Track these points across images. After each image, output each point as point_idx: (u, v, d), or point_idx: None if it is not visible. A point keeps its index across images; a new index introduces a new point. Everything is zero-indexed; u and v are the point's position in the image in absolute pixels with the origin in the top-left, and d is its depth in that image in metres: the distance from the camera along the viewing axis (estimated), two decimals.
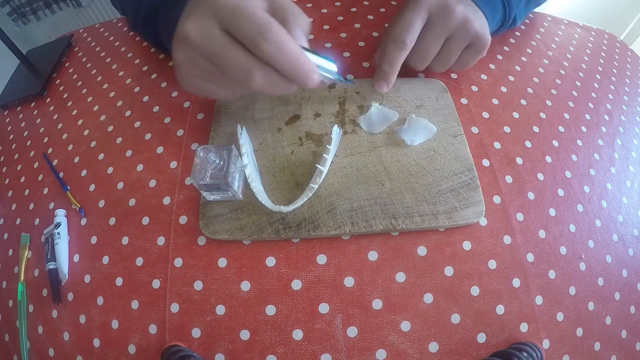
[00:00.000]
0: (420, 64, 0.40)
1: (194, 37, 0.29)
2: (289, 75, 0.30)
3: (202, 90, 0.33)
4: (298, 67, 0.29)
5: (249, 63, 0.29)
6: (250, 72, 0.29)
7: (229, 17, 0.28)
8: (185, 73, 0.32)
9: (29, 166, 0.46)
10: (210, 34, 0.29)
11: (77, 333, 0.35)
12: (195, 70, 0.32)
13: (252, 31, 0.28)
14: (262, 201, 0.33)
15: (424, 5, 0.37)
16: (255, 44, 0.28)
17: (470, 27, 0.37)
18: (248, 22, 0.28)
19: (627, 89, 0.51)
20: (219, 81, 0.32)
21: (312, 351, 0.32)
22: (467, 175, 0.36)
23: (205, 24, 0.29)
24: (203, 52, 0.29)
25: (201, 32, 0.29)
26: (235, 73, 0.29)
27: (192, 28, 0.29)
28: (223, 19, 0.29)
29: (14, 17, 1.39)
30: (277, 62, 0.29)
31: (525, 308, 0.33)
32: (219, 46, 0.29)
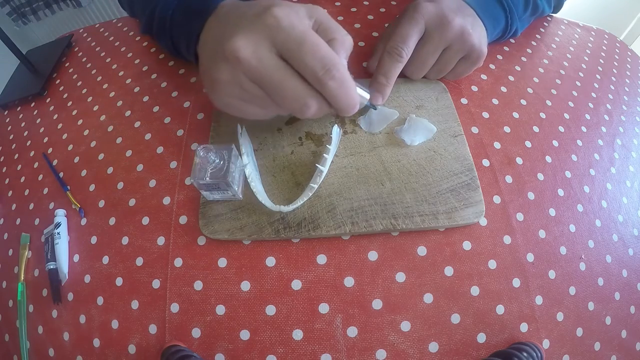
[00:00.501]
0: (416, 75, 0.41)
1: (245, 58, 0.27)
2: (341, 108, 0.30)
3: (239, 111, 0.32)
4: (351, 102, 0.30)
5: (306, 94, 0.28)
6: (306, 105, 0.28)
7: (290, 45, 0.27)
8: (226, 93, 0.30)
9: (29, 166, 0.46)
10: (265, 57, 0.27)
11: (77, 333, 0.35)
12: (238, 92, 0.30)
13: (317, 66, 0.27)
14: (262, 201, 0.33)
15: (421, 16, 0.37)
16: (319, 79, 0.27)
17: (468, 39, 0.37)
18: (313, 55, 0.27)
19: (627, 89, 0.51)
20: (265, 105, 0.30)
21: (312, 351, 0.32)
22: (467, 175, 0.36)
23: (259, 45, 0.27)
24: (254, 76, 0.28)
25: (254, 54, 0.27)
26: (290, 103, 0.28)
27: (244, 47, 0.27)
28: (283, 44, 0.27)
29: (14, 17, 1.39)
30: (337, 99, 0.29)
31: (525, 308, 0.33)
32: (274, 73, 0.27)
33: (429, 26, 0.37)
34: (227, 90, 0.30)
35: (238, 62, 0.27)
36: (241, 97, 0.30)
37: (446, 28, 0.36)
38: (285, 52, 0.27)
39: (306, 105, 0.28)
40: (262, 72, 0.27)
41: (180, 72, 0.47)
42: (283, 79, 0.27)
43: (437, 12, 0.37)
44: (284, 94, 0.28)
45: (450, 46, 0.38)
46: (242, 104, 0.31)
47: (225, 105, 0.32)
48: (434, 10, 0.37)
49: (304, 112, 0.29)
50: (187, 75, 0.47)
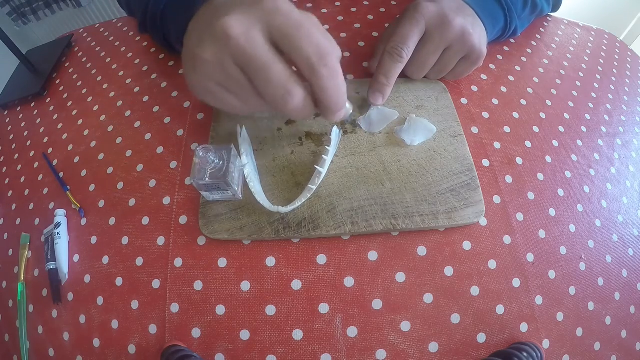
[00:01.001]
0: (417, 75, 0.41)
1: (235, 36, 0.25)
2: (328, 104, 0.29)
3: (216, 99, 0.30)
4: (340, 101, 0.29)
5: (292, 81, 0.27)
6: (289, 93, 0.27)
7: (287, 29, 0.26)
8: (206, 75, 0.28)
9: (29, 166, 0.46)
10: (255, 38, 0.26)
11: (77, 333, 0.35)
12: (219, 74, 0.28)
13: (313, 52, 0.26)
14: (261, 201, 0.33)
15: (422, 17, 0.37)
16: (312, 65, 0.26)
17: (468, 39, 0.37)
18: (310, 41, 0.26)
19: (627, 89, 0.51)
20: (243, 94, 0.29)
21: (312, 351, 0.32)
22: (467, 175, 0.36)
23: (251, 26, 0.26)
24: (240, 57, 0.26)
25: (245, 33, 0.26)
26: (272, 90, 0.27)
27: (236, 26, 0.26)
28: (279, 28, 0.26)
29: (14, 17, 1.39)
30: (327, 91, 0.28)
31: (525, 308, 0.33)
32: (262, 55, 0.26)
33: (430, 26, 0.37)
34: (208, 72, 0.28)
35: (227, 39, 0.26)
36: (221, 83, 0.29)
37: (447, 28, 0.36)
38: (279, 36, 0.26)
39: (289, 94, 0.27)
40: (250, 53, 0.26)
41: (180, 72, 0.47)
42: (270, 62, 0.26)
43: (437, 12, 0.37)
44: (269, 77, 0.26)
45: (451, 46, 0.38)
46: (221, 92, 0.29)
47: (203, 90, 0.30)
48: (435, 10, 0.37)
49: (286, 102, 0.27)
50: None
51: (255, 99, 0.29)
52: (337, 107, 0.29)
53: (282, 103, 0.28)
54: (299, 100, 0.28)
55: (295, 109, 0.28)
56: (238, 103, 0.30)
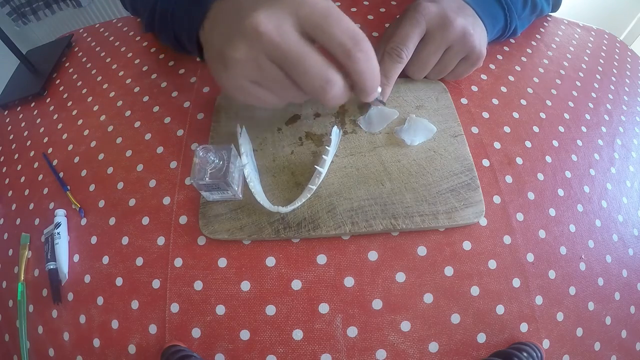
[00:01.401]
0: (418, 75, 0.41)
1: (267, 32, 0.25)
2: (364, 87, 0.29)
3: (251, 96, 0.30)
4: (375, 82, 0.29)
5: (330, 70, 0.27)
6: (329, 82, 0.27)
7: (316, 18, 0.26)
8: (241, 74, 0.28)
9: (29, 166, 0.46)
10: (288, 32, 0.26)
11: (77, 333, 0.35)
12: (254, 73, 0.28)
13: (346, 38, 0.26)
14: (261, 201, 0.33)
15: (422, 17, 0.37)
16: (348, 50, 0.26)
17: (469, 40, 0.37)
18: (341, 27, 0.26)
19: (627, 89, 0.51)
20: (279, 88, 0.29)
21: (312, 351, 0.32)
22: (467, 175, 0.36)
23: (282, 20, 0.26)
24: (275, 52, 0.26)
25: (277, 28, 0.25)
26: (311, 81, 0.27)
27: (266, 22, 0.25)
28: (308, 17, 0.26)
29: (14, 17, 1.39)
30: (364, 75, 0.28)
31: (525, 308, 0.33)
32: (297, 48, 0.26)
33: (431, 26, 0.37)
34: (242, 71, 0.28)
35: (259, 37, 0.25)
36: (256, 79, 0.28)
37: (448, 28, 0.36)
38: (310, 26, 0.26)
39: (329, 82, 0.27)
40: (284, 48, 0.26)
41: (180, 72, 0.47)
42: (306, 54, 0.26)
43: (438, 12, 0.37)
44: (307, 69, 0.26)
45: (452, 47, 0.38)
46: (255, 88, 0.29)
47: (237, 89, 0.29)
48: (435, 11, 0.37)
49: (326, 91, 0.27)
50: (187, 75, 0.47)
51: (291, 91, 0.29)
52: (373, 88, 0.30)
53: (322, 92, 0.28)
54: (339, 88, 0.28)
55: (335, 96, 0.28)
56: (273, 97, 0.30)
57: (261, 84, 0.29)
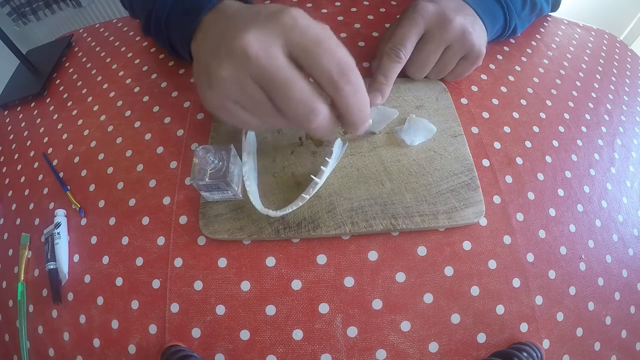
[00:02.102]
0: (418, 75, 0.41)
1: (254, 55, 0.25)
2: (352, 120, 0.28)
3: (233, 116, 0.29)
4: (363, 115, 0.28)
5: (314, 100, 0.26)
6: (314, 111, 0.26)
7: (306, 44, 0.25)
8: (223, 93, 0.27)
9: (29, 166, 0.46)
10: (275, 55, 0.25)
11: (77, 333, 0.35)
12: (237, 93, 0.27)
13: (333, 67, 0.25)
14: (253, 202, 0.33)
15: (421, 17, 0.37)
16: (335, 82, 0.26)
17: (468, 39, 0.37)
18: (331, 56, 0.25)
19: (627, 89, 0.51)
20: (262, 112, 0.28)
21: (312, 351, 0.32)
22: (467, 175, 0.36)
23: (271, 43, 0.25)
24: (260, 75, 0.25)
25: (265, 51, 0.25)
26: (295, 109, 0.26)
27: (254, 43, 0.25)
28: (298, 44, 0.25)
29: (14, 17, 1.39)
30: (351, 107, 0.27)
31: (525, 308, 0.33)
32: (284, 72, 0.25)
33: (430, 26, 0.37)
34: (225, 90, 0.27)
35: (246, 58, 0.25)
36: (239, 101, 0.28)
37: (447, 28, 0.36)
38: (299, 53, 0.26)
39: (314, 112, 0.26)
40: (271, 71, 0.25)
41: (180, 72, 0.47)
42: (292, 80, 0.25)
43: (437, 12, 0.37)
44: (292, 95, 0.26)
45: (451, 46, 0.38)
46: (237, 110, 0.28)
47: (218, 108, 0.29)
48: (434, 10, 0.37)
49: (309, 120, 0.27)
50: (187, 75, 0.47)
51: (274, 116, 0.28)
52: (361, 122, 0.29)
53: (306, 121, 0.27)
54: (323, 118, 0.27)
55: (319, 126, 0.27)
56: (255, 120, 0.29)
57: (244, 106, 0.28)
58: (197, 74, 0.30)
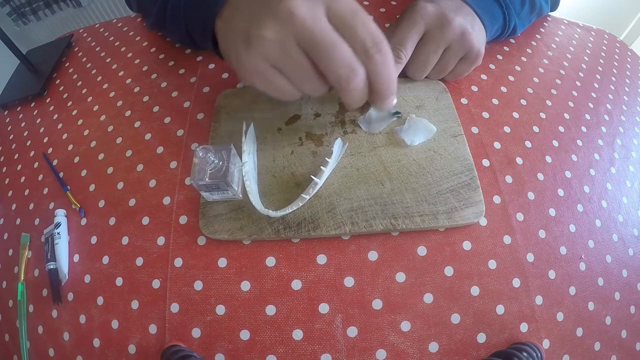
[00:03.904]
0: (418, 75, 0.41)
1: (302, 16, 0.26)
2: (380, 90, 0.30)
3: (267, 81, 0.29)
4: (392, 86, 0.30)
5: (355, 61, 0.28)
6: (354, 71, 0.28)
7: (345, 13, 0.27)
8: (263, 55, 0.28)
9: (29, 166, 0.46)
10: (320, 18, 0.26)
11: (77, 333, 0.35)
12: (277, 56, 0.28)
13: (367, 38, 0.27)
14: (253, 202, 0.33)
15: (420, 17, 0.37)
16: (367, 50, 0.27)
17: (467, 39, 0.37)
18: (366, 28, 0.27)
19: (627, 89, 0.51)
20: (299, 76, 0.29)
21: (312, 351, 0.32)
22: (467, 175, 0.36)
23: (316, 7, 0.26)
24: (305, 36, 0.26)
25: (311, 14, 0.26)
26: (338, 69, 0.27)
27: (301, 7, 0.26)
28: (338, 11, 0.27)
29: (14, 17, 1.39)
30: (380, 76, 0.29)
31: (525, 308, 0.33)
32: (328, 34, 0.26)
33: (429, 26, 0.37)
34: (266, 52, 0.27)
35: (292, 19, 0.26)
36: (279, 64, 0.28)
37: (446, 28, 0.36)
38: (338, 20, 0.27)
39: (354, 71, 0.28)
40: (317, 33, 0.26)
41: (180, 72, 0.47)
42: (337, 41, 0.27)
43: (436, 12, 0.37)
44: (335, 56, 0.27)
45: (450, 46, 0.38)
46: (275, 75, 0.29)
47: (253, 71, 0.29)
48: (433, 11, 0.37)
49: (349, 80, 0.28)
50: (187, 75, 0.47)
51: (312, 80, 0.29)
52: (387, 93, 0.30)
53: (346, 82, 0.28)
54: (361, 79, 0.28)
55: (356, 87, 0.29)
56: (290, 87, 0.30)
57: (282, 70, 0.29)
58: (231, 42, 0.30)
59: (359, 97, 0.30)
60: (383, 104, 0.31)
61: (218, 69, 0.46)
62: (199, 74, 0.46)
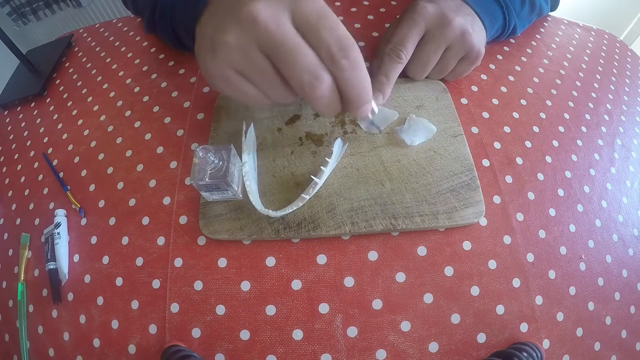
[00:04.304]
0: (419, 75, 0.41)
1: (264, 21, 0.25)
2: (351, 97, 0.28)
3: (233, 87, 0.29)
4: (363, 94, 0.28)
5: (319, 68, 0.26)
6: (318, 78, 0.26)
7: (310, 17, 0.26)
8: (227, 61, 0.27)
9: (29, 166, 0.46)
10: (283, 23, 0.26)
11: (77, 333, 0.35)
12: (241, 61, 0.27)
13: (333, 43, 0.26)
14: (253, 202, 0.33)
15: (421, 17, 0.37)
16: (333, 56, 0.26)
17: (468, 39, 0.37)
18: (332, 32, 0.26)
19: (627, 89, 0.51)
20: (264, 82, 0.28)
21: (312, 351, 0.32)
22: (467, 175, 0.36)
23: (278, 11, 0.26)
24: (267, 41, 0.26)
25: (274, 18, 0.25)
26: (300, 75, 0.26)
27: (263, 11, 0.25)
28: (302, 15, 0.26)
29: (14, 17, 1.39)
30: (349, 83, 0.27)
31: (525, 308, 0.33)
32: (290, 39, 0.26)
33: (430, 26, 0.37)
34: (229, 57, 0.27)
35: (254, 24, 0.25)
36: (242, 69, 0.28)
37: (447, 28, 0.36)
38: (302, 24, 0.26)
39: (318, 79, 0.26)
40: (278, 38, 0.25)
41: (180, 72, 0.47)
42: (299, 46, 0.26)
43: (437, 12, 0.37)
44: (298, 61, 0.26)
45: (451, 46, 0.38)
46: (240, 81, 0.28)
47: (219, 77, 0.28)
48: (434, 11, 0.37)
49: (314, 87, 0.27)
50: (187, 75, 0.47)
51: (277, 87, 0.28)
52: (360, 101, 0.29)
53: (310, 89, 0.27)
54: (327, 86, 0.27)
55: (322, 95, 0.28)
56: (256, 92, 0.29)
57: (247, 76, 0.28)
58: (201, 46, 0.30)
59: (327, 105, 0.29)
60: (356, 112, 0.30)
61: None
62: (199, 74, 0.46)
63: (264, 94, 0.30)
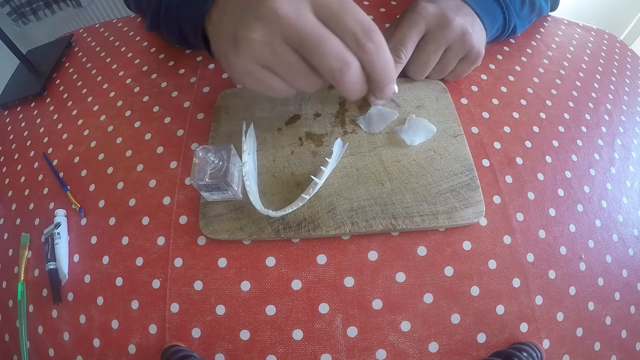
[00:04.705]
0: (419, 76, 0.41)
1: (286, 15, 0.25)
2: (377, 79, 0.29)
3: (258, 81, 0.29)
4: (388, 74, 0.29)
5: (347, 53, 0.27)
6: (347, 64, 0.27)
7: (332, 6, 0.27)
8: (252, 57, 0.28)
9: (29, 166, 0.46)
10: (305, 14, 0.26)
11: (77, 333, 0.35)
12: (267, 56, 0.27)
13: (357, 27, 0.27)
14: (253, 202, 0.33)
15: (421, 17, 0.37)
16: (359, 40, 0.27)
17: (468, 39, 0.37)
18: (355, 17, 0.27)
19: (627, 89, 0.51)
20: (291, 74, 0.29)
21: (312, 351, 0.32)
22: (467, 175, 0.36)
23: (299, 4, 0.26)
24: (292, 34, 0.26)
25: (296, 11, 0.26)
26: (330, 63, 0.27)
27: (284, 5, 0.26)
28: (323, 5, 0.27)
29: (14, 17, 1.39)
30: (375, 65, 0.28)
31: (525, 308, 0.33)
32: (315, 29, 0.26)
33: (430, 26, 0.37)
34: (254, 53, 0.27)
35: (277, 19, 0.26)
36: (269, 64, 0.28)
37: (447, 28, 0.36)
38: (324, 13, 0.27)
39: (347, 64, 0.27)
40: (303, 30, 0.26)
41: (180, 72, 0.47)
42: (325, 35, 0.26)
43: (437, 12, 0.37)
44: (325, 51, 0.26)
45: (451, 46, 0.38)
46: (266, 74, 0.29)
47: (244, 73, 0.29)
48: (434, 11, 0.37)
49: (343, 73, 0.27)
50: (187, 75, 0.47)
51: (305, 77, 0.29)
52: (386, 81, 0.30)
53: (340, 75, 0.28)
54: (355, 71, 0.28)
55: (352, 80, 0.28)
56: (283, 85, 0.30)
57: (273, 69, 0.29)
58: (221, 45, 0.30)
59: (356, 89, 0.29)
60: (382, 92, 0.31)
61: (218, 69, 0.46)
62: (199, 74, 0.46)
63: (290, 85, 0.30)
